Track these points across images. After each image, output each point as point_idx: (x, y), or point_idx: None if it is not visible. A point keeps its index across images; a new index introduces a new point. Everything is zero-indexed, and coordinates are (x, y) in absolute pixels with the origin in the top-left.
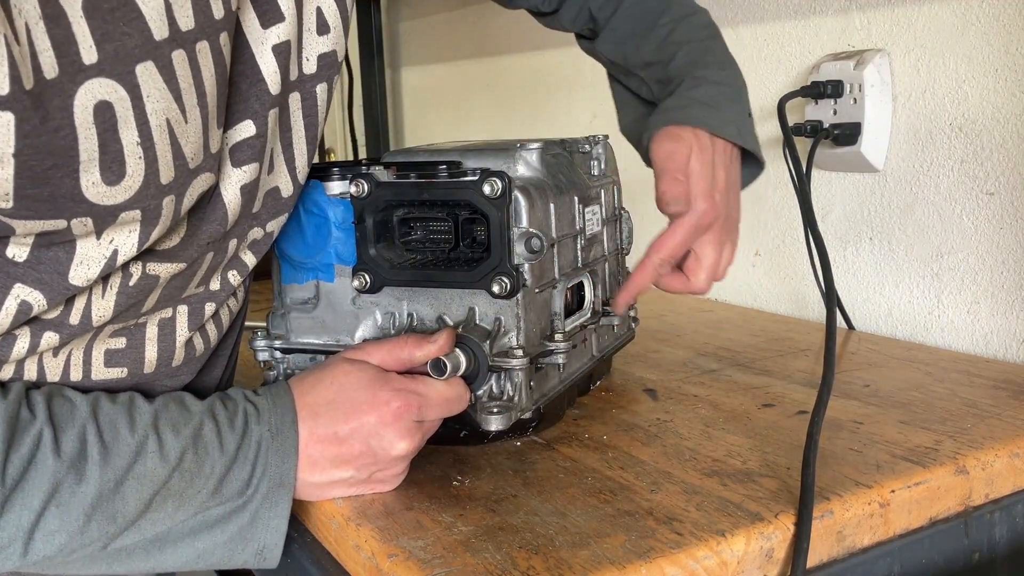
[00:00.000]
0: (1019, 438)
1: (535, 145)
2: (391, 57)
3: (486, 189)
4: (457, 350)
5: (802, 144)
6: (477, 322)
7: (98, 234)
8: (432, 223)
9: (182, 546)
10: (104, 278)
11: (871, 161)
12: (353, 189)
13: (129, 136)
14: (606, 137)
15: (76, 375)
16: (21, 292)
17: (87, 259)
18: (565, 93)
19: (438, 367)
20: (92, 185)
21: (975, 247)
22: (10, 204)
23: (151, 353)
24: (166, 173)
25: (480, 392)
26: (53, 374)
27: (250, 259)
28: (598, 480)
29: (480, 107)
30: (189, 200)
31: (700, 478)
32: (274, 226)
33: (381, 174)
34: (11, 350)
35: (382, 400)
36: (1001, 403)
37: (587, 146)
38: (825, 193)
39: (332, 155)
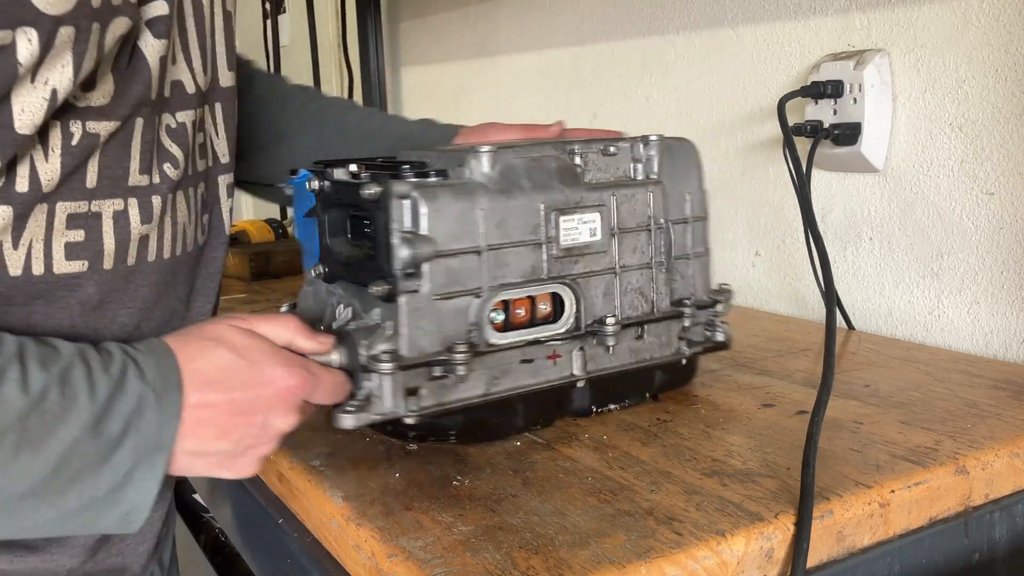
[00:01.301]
0: (1019, 438)
1: (486, 148)
2: (391, 57)
3: (364, 193)
4: (335, 348)
5: (802, 144)
6: (374, 321)
7: (33, 75)
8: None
9: (41, 506)
10: (43, 139)
11: (871, 161)
12: (311, 185)
13: None
14: (660, 137)
15: (38, 268)
16: None
17: (28, 105)
18: (565, 93)
19: None
20: None
21: (975, 247)
22: None
23: (108, 243)
24: None
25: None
26: (15, 267)
27: (177, 152)
28: (598, 480)
29: (480, 107)
30: (112, 38)
31: (700, 478)
32: (183, 117)
33: (338, 173)
34: None
35: (279, 375)
36: (1001, 403)
37: (612, 147)
38: (825, 193)
39: None
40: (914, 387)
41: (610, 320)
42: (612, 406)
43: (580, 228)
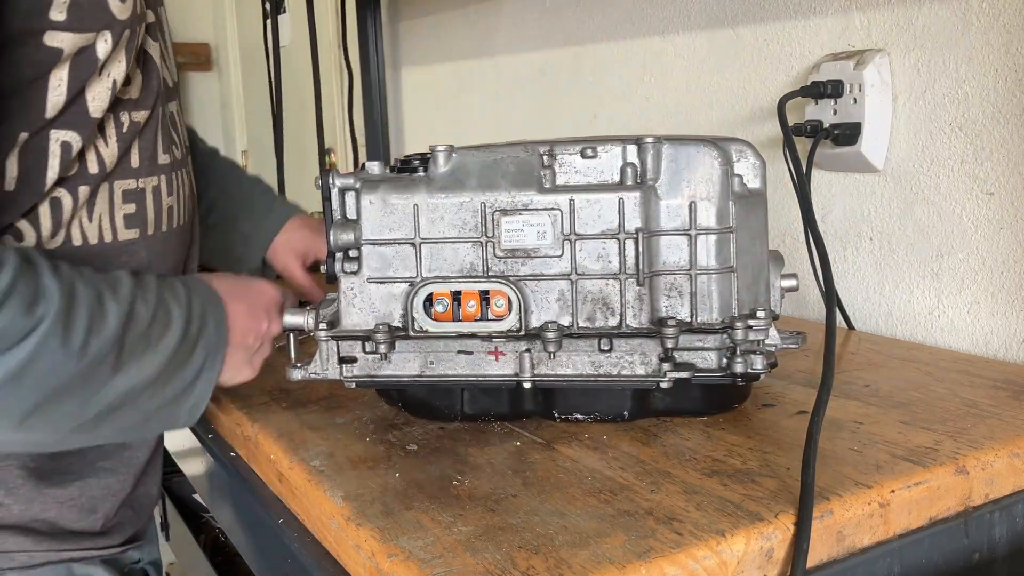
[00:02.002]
0: (1019, 438)
1: (441, 148)
2: (391, 57)
3: (317, 185)
4: (291, 312)
5: (802, 144)
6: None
7: (101, 69)
8: None
9: (144, 401)
10: (103, 128)
11: (871, 161)
12: (321, 181)
13: None
14: (656, 139)
15: (108, 237)
16: (59, 135)
17: (98, 95)
18: (565, 93)
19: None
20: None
21: (975, 247)
22: (63, 16)
23: (150, 214)
24: (139, 4)
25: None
26: (92, 236)
27: (175, 136)
28: (598, 480)
29: (480, 107)
30: (140, 39)
31: (700, 478)
32: (172, 108)
33: (338, 170)
34: (62, 212)
35: (266, 287)
36: (1001, 403)
37: (591, 150)
38: (825, 193)
39: (332, 155)
40: (914, 387)
41: (551, 326)
42: (579, 416)
43: (526, 231)
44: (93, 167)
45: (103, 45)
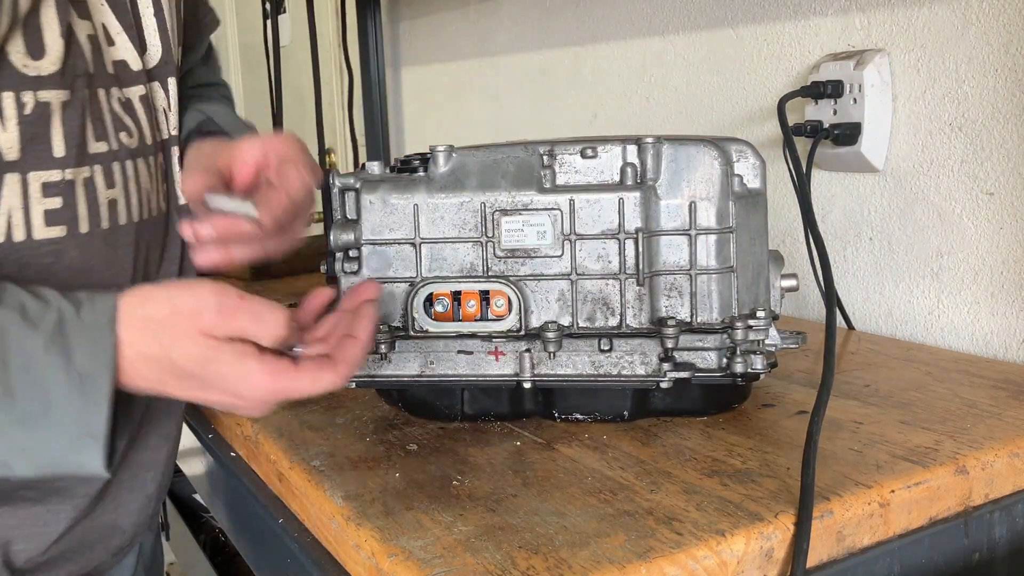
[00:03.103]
0: (1019, 438)
1: (441, 148)
2: (391, 57)
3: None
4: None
5: (802, 144)
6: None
7: None
8: None
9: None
10: None
11: (871, 161)
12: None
13: None
14: (656, 139)
15: (19, 235)
16: None
17: None
18: (565, 93)
19: None
20: None
21: (975, 247)
22: None
23: (82, 209)
24: None
25: None
26: None
27: (130, 122)
28: (598, 480)
29: (480, 107)
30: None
31: (700, 478)
32: (131, 93)
33: (338, 170)
34: None
35: (230, 399)
36: (1001, 403)
37: (591, 150)
38: (825, 193)
39: (332, 155)
40: (914, 387)
41: (551, 326)
42: (579, 416)
43: (526, 231)
44: None
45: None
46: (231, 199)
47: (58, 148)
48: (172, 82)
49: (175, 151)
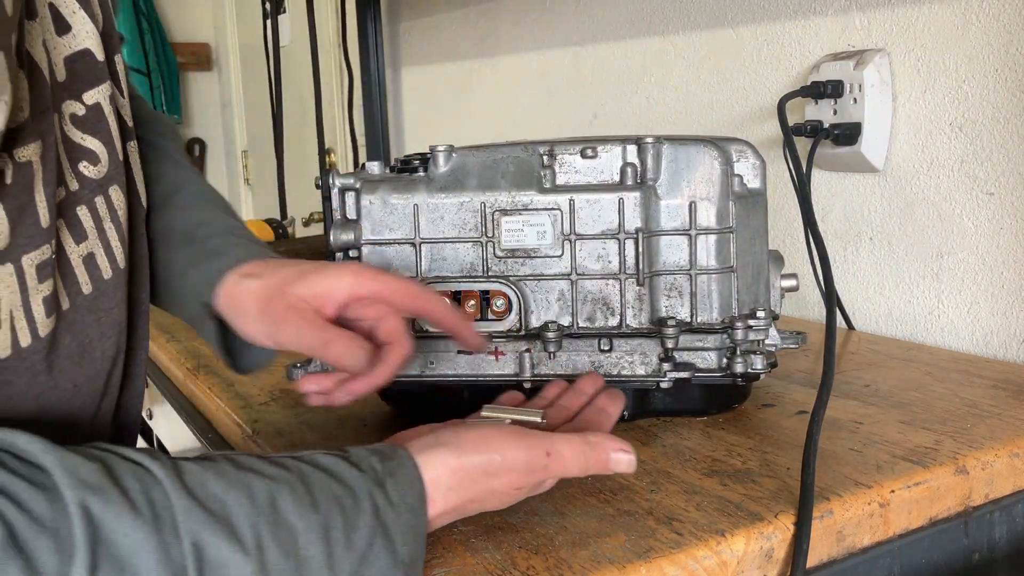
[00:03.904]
0: (1019, 438)
1: (441, 148)
2: (391, 57)
3: (317, 185)
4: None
5: (802, 144)
6: None
7: None
8: None
9: None
10: None
11: (871, 161)
12: (321, 181)
13: None
14: (656, 139)
15: (25, 340)
16: None
17: None
18: (565, 93)
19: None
20: None
21: (975, 247)
22: None
23: (80, 277)
24: (10, 5)
25: None
26: (3, 349)
27: (95, 145)
28: (598, 480)
29: (480, 107)
30: (11, 52)
31: (700, 478)
32: (96, 96)
33: (338, 170)
34: None
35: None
36: (1001, 403)
37: (591, 149)
38: (825, 193)
39: (332, 155)
40: (914, 387)
41: (551, 326)
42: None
43: (526, 230)
44: None
45: None
46: (513, 411)
47: (44, 216)
48: (119, 60)
49: (131, 146)
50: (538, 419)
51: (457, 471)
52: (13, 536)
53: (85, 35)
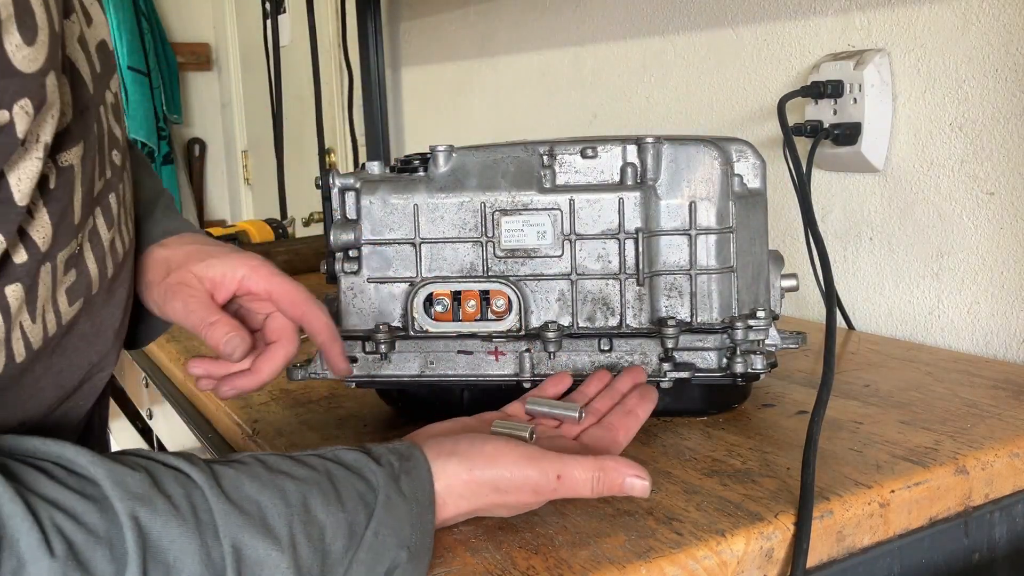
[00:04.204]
0: (1019, 438)
1: (441, 148)
2: (391, 57)
3: (317, 185)
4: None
5: (802, 144)
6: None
7: (25, 139)
8: None
9: None
10: (30, 208)
11: (871, 161)
12: (321, 181)
13: None
14: (656, 139)
15: (52, 328)
16: None
17: (25, 172)
18: (565, 93)
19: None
20: (16, 49)
21: (975, 247)
22: None
23: (92, 269)
24: (56, 18)
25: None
26: (36, 340)
27: (119, 132)
28: None
29: (480, 107)
30: (64, 50)
31: (700, 478)
32: (115, 85)
33: (338, 170)
34: None
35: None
36: (1001, 403)
37: (591, 149)
38: (825, 193)
39: (332, 155)
40: (914, 387)
41: (551, 326)
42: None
43: (526, 230)
44: (20, 255)
45: (24, 118)
46: (553, 405)
47: (77, 214)
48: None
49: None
50: (575, 415)
51: (468, 483)
52: (73, 550)
53: (101, 25)
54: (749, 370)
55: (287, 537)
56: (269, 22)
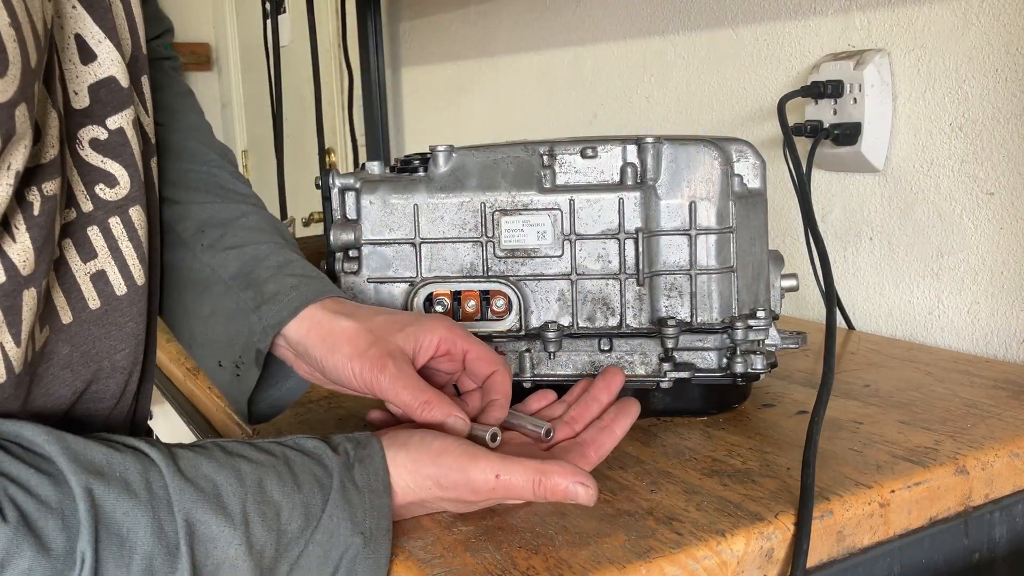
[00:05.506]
0: (1019, 438)
1: (441, 148)
2: (391, 57)
3: (317, 185)
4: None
5: (802, 144)
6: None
7: None
8: None
9: None
10: (4, 223)
11: (871, 161)
12: (321, 181)
13: (1, 17)
14: (656, 139)
15: (30, 354)
16: None
17: None
18: (565, 93)
19: None
20: None
21: (975, 247)
22: None
23: (58, 299)
24: (32, 55)
25: None
26: (17, 363)
27: (115, 168)
28: (598, 480)
29: (480, 107)
30: (34, 101)
31: (700, 478)
32: (120, 121)
33: (338, 170)
34: None
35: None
36: (1001, 403)
37: (591, 149)
38: (825, 193)
39: (332, 155)
40: (914, 387)
41: (551, 326)
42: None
43: (526, 230)
44: None
45: None
46: (525, 419)
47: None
48: (146, 81)
49: (153, 162)
50: (541, 431)
51: (414, 475)
52: (25, 518)
53: (110, 63)
54: (749, 370)
55: (240, 515)
56: (269, 22)
